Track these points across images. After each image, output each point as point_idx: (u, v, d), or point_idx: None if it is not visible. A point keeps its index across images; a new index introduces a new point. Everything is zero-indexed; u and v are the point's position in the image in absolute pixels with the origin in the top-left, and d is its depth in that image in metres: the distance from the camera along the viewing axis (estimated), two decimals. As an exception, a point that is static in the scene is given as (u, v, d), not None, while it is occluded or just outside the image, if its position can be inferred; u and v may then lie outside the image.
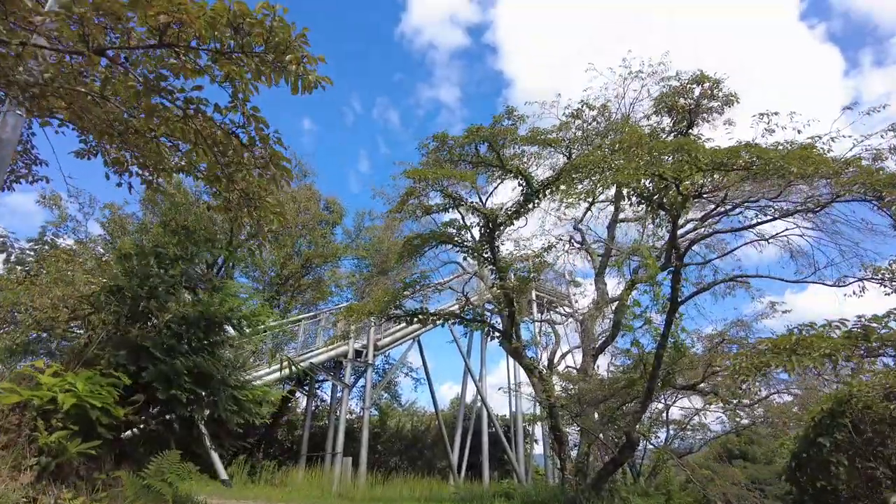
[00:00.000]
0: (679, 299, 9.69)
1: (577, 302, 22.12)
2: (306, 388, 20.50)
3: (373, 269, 21.14)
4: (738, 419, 18.30)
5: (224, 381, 6.43)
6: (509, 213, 10.47)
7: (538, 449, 31.36)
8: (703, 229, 11.18)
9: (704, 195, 7.91)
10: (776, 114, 7.94)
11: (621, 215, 15.57)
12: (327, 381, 21.35)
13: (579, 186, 6.92)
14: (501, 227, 10.66)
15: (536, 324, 24.16)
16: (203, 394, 6.18)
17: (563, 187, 7.67)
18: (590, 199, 8.63)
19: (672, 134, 9.76)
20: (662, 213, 9.36)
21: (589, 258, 16.63)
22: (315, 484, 15.64)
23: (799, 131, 7.85)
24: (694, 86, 9.10)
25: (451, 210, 10.52)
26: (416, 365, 28.91)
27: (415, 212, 10.23)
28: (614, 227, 15.31)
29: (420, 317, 11.87)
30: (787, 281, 10.16)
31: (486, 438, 25.45)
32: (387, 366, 26.14)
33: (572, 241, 17.41)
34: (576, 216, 16.73)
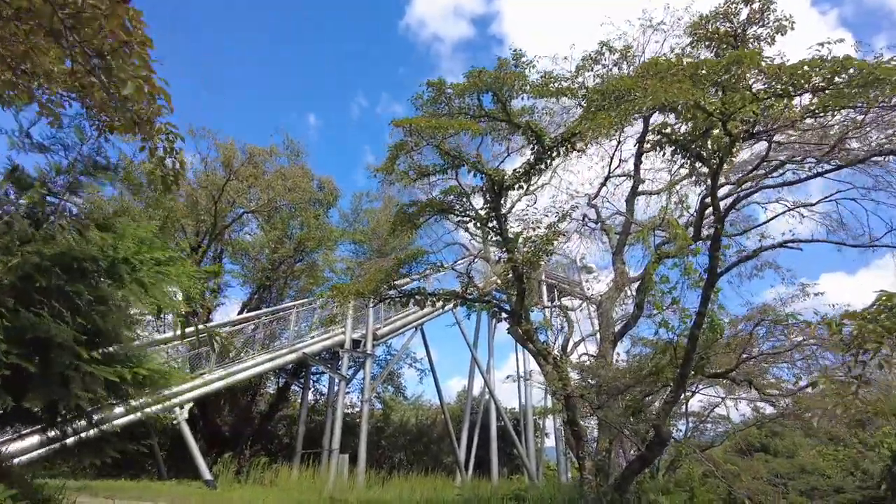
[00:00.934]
0: (719, 270, 8.27)
1: (590, 289, 20.74)
2: (302, 381, 19.18)
3: (371, 254, 19.81)
4: (775, 409, 16.90)
5: (74, 351, 4.76)
6: (518, 174, 9.04)
7: (548, 442, 30.08)
8: (740, 192, 9.71)
9: (757, 134, 6.44)
10: (840, 41, 6.43)
11: (642, 187, 14.12)
12: (325, 373, 20.08)
13: (605, 117, 5.48)
14: (508, 191, 9.24)
15: (547, 310, 22.80)
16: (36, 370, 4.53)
17: (585, 123, 6.22)
18: (616, 131, 7.14)
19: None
20: (699, 165, 7.91)
21: (606, 237, 15.20)
22: (308, 484, 14.34)
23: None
24: (741, 5, 7.59)
25: (449, 172, 9.11)
26: (421, 356, 27.61)
27: (407, 173, 8.82)
28: (633, 202, 13.84)
29: (417, 297, 10.48)
30: (850, 246, 8.68)
31: (494, 433, 24.12)
32: (389, 357, 24.83)
33: (586, 221, 15.99)
34: (589, 193, 15.33)
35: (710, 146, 6.70)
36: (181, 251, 16.73)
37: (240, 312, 17.92)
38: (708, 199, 11.62)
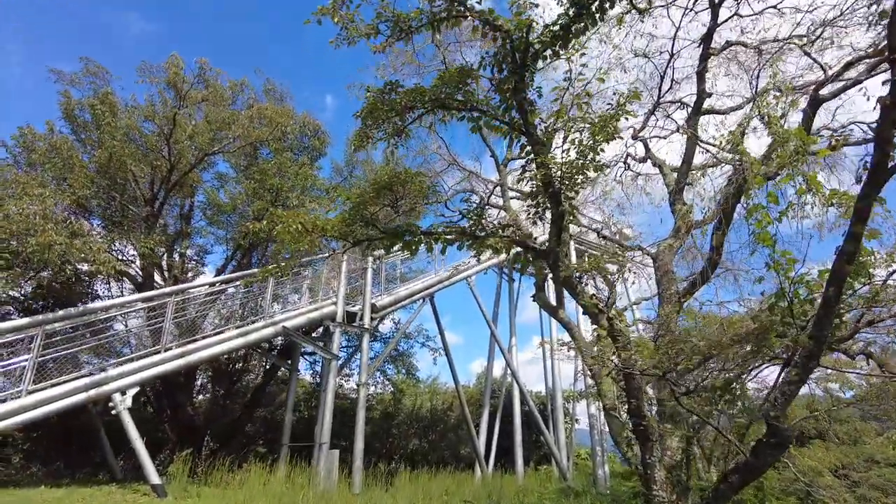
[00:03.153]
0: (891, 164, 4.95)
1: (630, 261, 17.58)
2: (290, 361, 16.24)
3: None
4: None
5: None
6: (553, 32, 5.76)
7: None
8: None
9: None
10: None
11: (708, 103, 10.84)
12: (316, 352, 17.20)
13: None
14: (537, 62, 5.98)
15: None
16: None
17: None
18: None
19: None
20: None
21: (659, 173, 11.92)
22: (284, 488, 11.41)
23: None
24: None
25: (443, 28, 5.83)
26: (435, 333, 24.61)
27: (375, 27, 5.59)
28: (696, 120, 10.47)
29: (408, 239, 7.34)
30: None
31: (518, 419, 21.14)
32: (396, 333, 21.84)
33: (628, 163, 12.73)
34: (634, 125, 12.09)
35: None
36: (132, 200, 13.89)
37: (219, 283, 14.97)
38: (825, 91, 8.19)
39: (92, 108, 12.81)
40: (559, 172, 6.27)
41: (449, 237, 7.57)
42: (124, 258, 13.63)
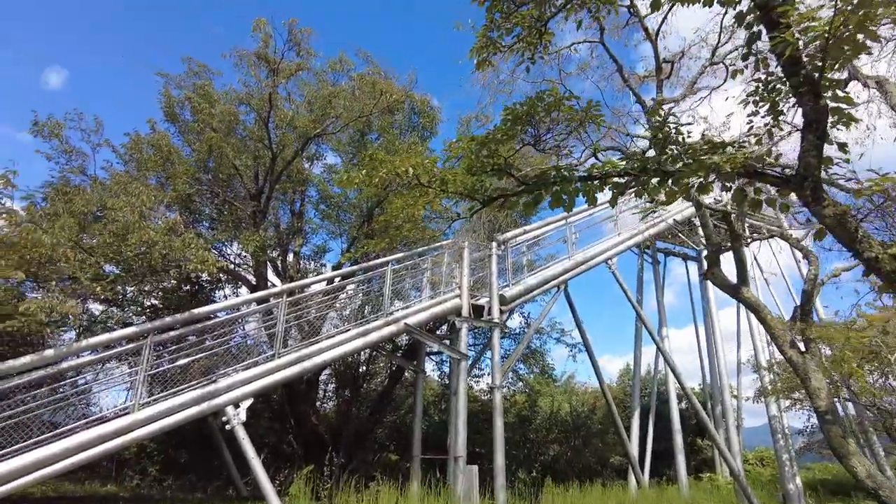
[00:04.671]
0: None
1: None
2: (415, 363, 14.68)
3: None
4: None
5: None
6: None
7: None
8: None
9: None
10: None
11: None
12: (442, 353, 15.55)
13: None
14: None
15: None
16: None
17: None
18: None
19: None
20: None
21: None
22: (418, 512, 9.70)
23: None
24: None
25: None
26: (567, 326, 22.01)
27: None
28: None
29: (558, 189, 5.24)
30: None
31: (676, 419, 18.02)
32: (528, 330, 19.62)
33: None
34: None
35: None
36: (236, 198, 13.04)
37: (331, 281, 13.82)
38: None
39: (189, 100, 12.17)
40: (817, 40, 3.73)
41: (619, 179, 5.29)
42: (234, 261, 12.88)
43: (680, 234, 19.62)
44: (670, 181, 4.87)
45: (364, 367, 16.78)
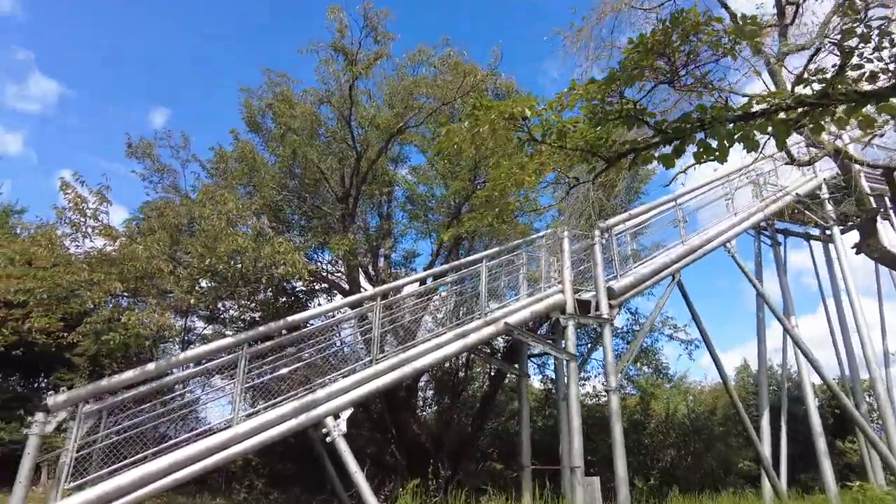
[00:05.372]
0: None
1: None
2: (517, 366, 13.70)
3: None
4: None
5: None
6: None
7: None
8: None
9: None
10: None
11: None
12: (547, 354, 14.43)
13: None
14: None
15: None
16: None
17: None
18: None
19: None
20: None
21: None
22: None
23: None
24: None
25: None
26: (681, 321, 20.00)
27: None
28: None
29: (706, 134, 4.13)
30: None
31: (815, 417, 15.48)
32: (636, 327, 18.00)
33: None
34: None
35: None
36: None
37: (423, 282, 13.24)
38: None
39: (270, 107, 12.06)
40: None
41: (785, 115, 4.11)
42: (325, 268, 12.59)
43: (807, 211, 17.27)
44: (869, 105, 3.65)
45: (463, 373, 16.03)
